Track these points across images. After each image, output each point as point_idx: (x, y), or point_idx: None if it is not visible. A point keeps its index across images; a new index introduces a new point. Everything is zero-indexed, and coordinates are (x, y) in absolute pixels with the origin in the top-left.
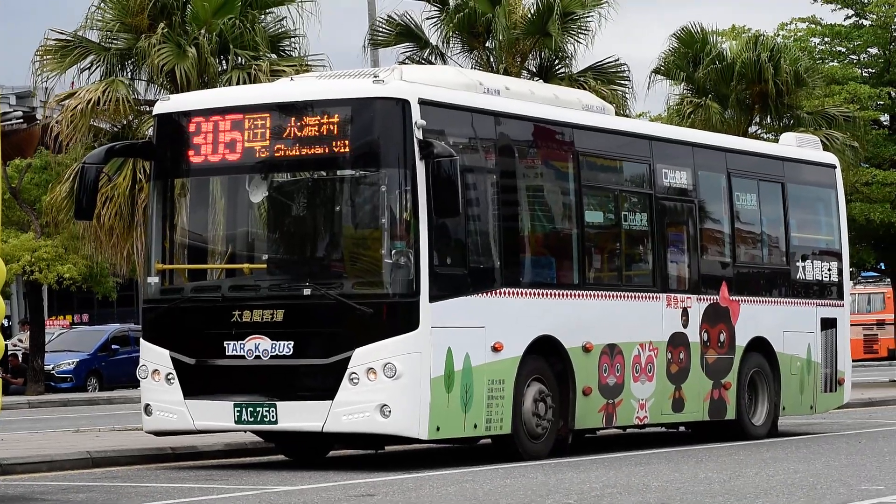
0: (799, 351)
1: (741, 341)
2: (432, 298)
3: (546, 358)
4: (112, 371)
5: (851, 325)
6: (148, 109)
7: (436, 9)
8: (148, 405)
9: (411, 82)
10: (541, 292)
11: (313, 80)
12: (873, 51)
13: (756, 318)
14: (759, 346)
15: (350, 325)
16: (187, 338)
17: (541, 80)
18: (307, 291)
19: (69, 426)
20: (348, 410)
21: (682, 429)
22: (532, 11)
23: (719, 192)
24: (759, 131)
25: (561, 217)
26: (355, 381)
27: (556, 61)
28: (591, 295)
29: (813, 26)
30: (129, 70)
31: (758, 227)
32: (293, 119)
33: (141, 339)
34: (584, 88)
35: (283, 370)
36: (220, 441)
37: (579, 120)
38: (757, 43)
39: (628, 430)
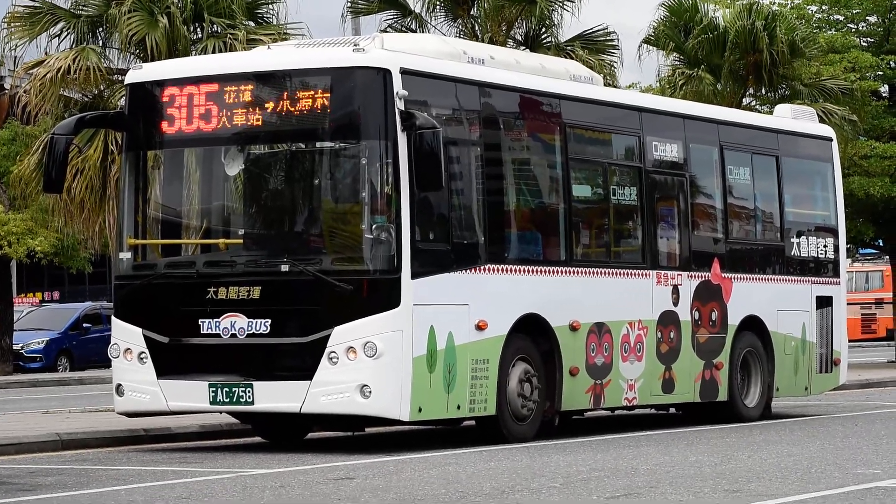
0: (793, 330)
1: (733, 320)
2: (414, 275)
3: (532, 337)
4: (83, 350)
5: (848, 303)
6: (120, 79)
7: None
8: (120, 385)
9: (393, 51)
10: (526, 269)
11: (291, 48)
12: (872, 19)
13: (749, 296)
14: (752, 325)
15: (329, 302)
16: (161, 315)
17: (527, 50)
18: (285, 268)
19: (38, 407)
20: (327, 391)
21: (672, 410)
22: None
23: (711, 166)
24: (754, 103)
25: (547, 191)
26: (334, 360)
27: (543, 30)
28: (578, 272)
29: None
30: (100, 38)
31: (751, 202)
32: (270, 89)
33: (112, 317)
34: (572, 58)
35: (259, 349)
36: (195, 422)
37: (567, 90)
38: (751, 11)
39: (617, 412)
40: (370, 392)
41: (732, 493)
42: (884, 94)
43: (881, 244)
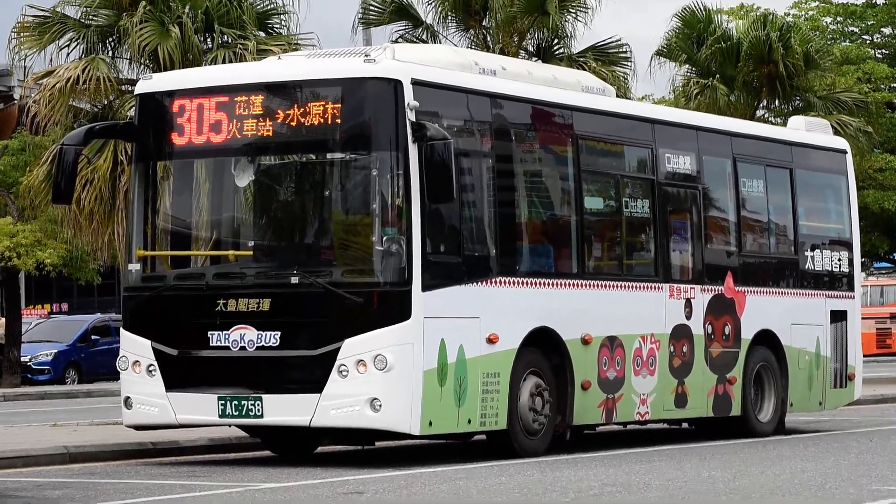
0: (807, 344)
1: (747, 334)
2: (425, 287)
3: (543, 350)
4: (92, 363)
5: (863, 318)
6: (130, 89)
7: None
8: (128, 398)
9: (404, 62)
10: (538, 282)
11: (302, 59)
12: (887, 31)
13: (763, 309)
14: (766, 339)
15: (339, 314)
16: (170, 328)
17: (539, 61)
18: (295, 279)
19: (46, 420)
20: (337, 404)
21: (685, 425)
22: None
23: (724, 178)
24: (767, 115)
25: (559, 203)
26: (345, 373)
27: (555, 41)
28: (590, 285)
29: (825, 5)
30: (110, 48)
31: (765, 215)
32: (281, 100)
33: (121, 329)
34: (584, 69)
35: (269, 362)
36: (204, 436)
37: (579, 102)
38: (766, 22)
39: (629, 427)
40: (380, 405)
41: None
42: None
43: None
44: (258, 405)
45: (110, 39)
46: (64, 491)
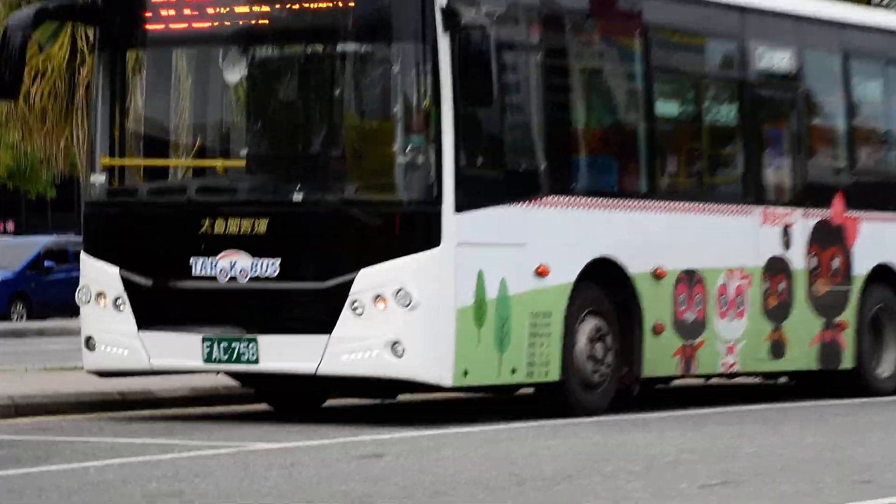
0: None
1: (861, 270)
2: (459, 208)
3: (605, 286)
4: (44, 295)
5: None
6: None
7: None
8: (90, 338)
9: None
10: (598, 202)
11: None
12: None
13: (881, 239)
14: (885, 275)
15: (353, 239)
16: (143, 252)
17: None
18: (298, 196)
19: None
20: (350, 348)
21: (782, 380)
22: None
23: (832, 78)
24: (887, 1)
25: (625, 108)
26: (359, 310)
27: None
28: (663, 207)
29: None
30: None
31: (883, 124)
32: None
33: (81, 254)
34: None
35: (266, 296)
36: (185, 385)
37: None
38: None
39: (712, 381)
40: (403, 350)
41: (862, 484)
42: None
43: None
44: (252, 348)
45: None
46: (9, 450)
